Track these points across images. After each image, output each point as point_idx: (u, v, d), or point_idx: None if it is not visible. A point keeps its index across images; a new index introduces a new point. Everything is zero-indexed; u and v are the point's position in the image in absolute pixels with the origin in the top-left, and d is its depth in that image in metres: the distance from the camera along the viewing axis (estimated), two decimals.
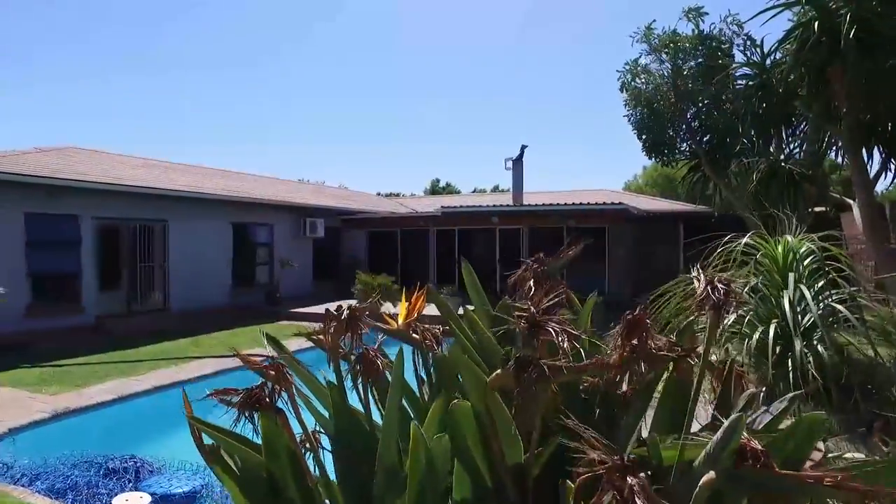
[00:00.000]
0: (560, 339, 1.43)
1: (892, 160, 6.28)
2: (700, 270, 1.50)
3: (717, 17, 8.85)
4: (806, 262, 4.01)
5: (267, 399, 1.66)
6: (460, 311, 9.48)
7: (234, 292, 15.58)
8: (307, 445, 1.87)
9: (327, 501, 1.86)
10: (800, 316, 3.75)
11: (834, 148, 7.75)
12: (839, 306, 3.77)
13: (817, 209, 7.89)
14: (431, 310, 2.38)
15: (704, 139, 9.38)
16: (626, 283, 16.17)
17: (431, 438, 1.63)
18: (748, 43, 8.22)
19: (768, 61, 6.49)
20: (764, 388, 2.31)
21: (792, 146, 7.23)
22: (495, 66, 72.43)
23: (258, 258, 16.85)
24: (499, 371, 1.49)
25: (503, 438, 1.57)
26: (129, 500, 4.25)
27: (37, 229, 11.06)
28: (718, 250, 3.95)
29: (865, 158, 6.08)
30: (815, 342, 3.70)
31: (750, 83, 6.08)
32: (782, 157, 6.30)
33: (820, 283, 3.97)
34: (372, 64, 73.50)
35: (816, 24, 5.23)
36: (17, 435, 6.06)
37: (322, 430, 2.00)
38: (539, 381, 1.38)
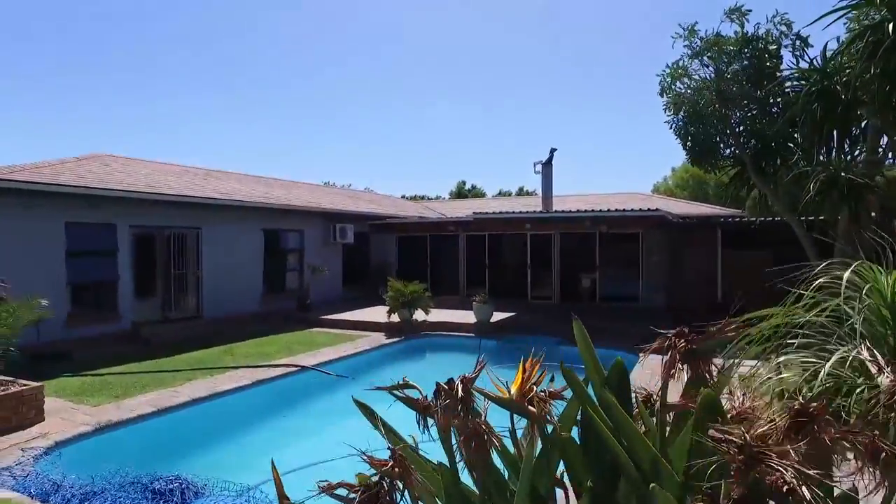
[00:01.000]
0: (794, 481, 1.13)
1: None
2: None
3: (762, 18, 8.52)
4: None
5: (388, 499, 1.46)
6: (493, 318, 9.23)
7: (265, 299, 15.65)
8: None
9: None
10: None
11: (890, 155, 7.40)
12: None
13: None
14: (460, 316, 2.17)
15: (749, 144, 9.04)
16: (660, 291, 15.81)
17: None
18: (797, 43, 7.89)
19: (826, 65, 6.19)
20: None
21: (851, 153, 6.89)
22: (521, 66, 72.01)
23: (288, 264, 16.91)
24: None
25: None
26: None
27: (76, 239, 11.21)
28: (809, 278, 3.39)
29: None
30: None
31: (812, 88, 5.78)
32: (842, 164, 5.98)
33: None
34: (397, 64, 73.69)
35: (890, 26, 4.92)
36: (63, 448, 6.09)
37: None
38: None
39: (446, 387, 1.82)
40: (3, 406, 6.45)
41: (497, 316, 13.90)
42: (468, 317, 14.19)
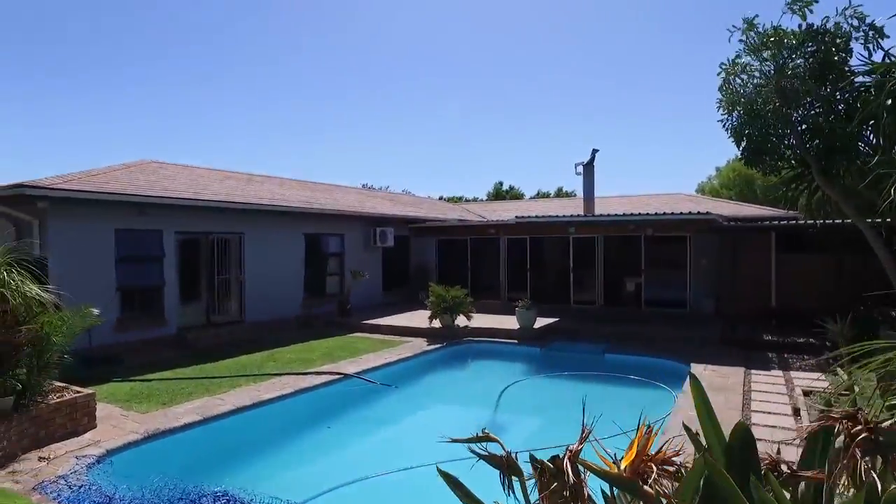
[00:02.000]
0: None
1: None
2: None
3: (830, 10, 7.98)
4: None
5: None
6: (536, 324, 8.87)
7: (306, 303, 15.71)
8: None
9: None
10: None
11: None
12: None
13: None
14: (502, 321, 1.91)
15: (812, 144, 8.51)
16: (709, 296, 15.22)
17: None
18: (871, 34, 7.34)
19: None
20: None
21: None
22: (559, 65, 71.11)
23: (329, 269, 16.94)
24: None
25: None
26: None
27: (125, 245, 11.42)
28: None
29: None
30: None
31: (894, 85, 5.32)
32: None
33: None
34: (433, 64, 73.73)
35: None
36: (114, 456, 6.12)
37: None
38: None
39: (551, 465, 1.56)
40: (59, 413, 6.55)
41: (540, 321, 13.60)
42: (510, 322, 13.93)
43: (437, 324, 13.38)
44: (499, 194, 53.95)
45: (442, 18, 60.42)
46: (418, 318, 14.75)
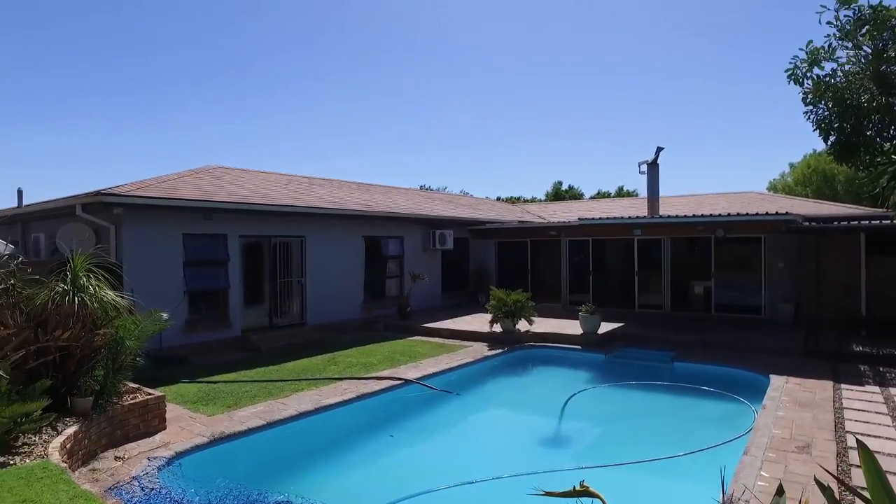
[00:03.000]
0: None
1: None
2: None
3: None
4: None
5: None
6: (600, 329, 8.42)
7: (366, 306, 15.77)
8: None
9: None
10: None
11: None
12: None
13: None
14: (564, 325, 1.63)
15: None
16: (788, 301, 14.27)
17: None
18: None
19: None
20: None
21: None
22: (618, 61, 69.23)
23: (389, 271, 16.97)
24: None
25: None
26: None
27: (193, 249, 11.76)
28: None
29: None
30: None
31: None
32: None
33: None
34: (491, 62, 73.32)
35: None
36: (182, 459, 6.20)
37: None
38: None
39: None
40: (132, 413, 6.71)
41: (603, 326, 13.10)
42: (572, 327, 13.49)
43: (497, 328, 13.12)
44: (558, 194, 53.02)
45: (497, 17, 60.00)
46: (478, 322, 14.52)
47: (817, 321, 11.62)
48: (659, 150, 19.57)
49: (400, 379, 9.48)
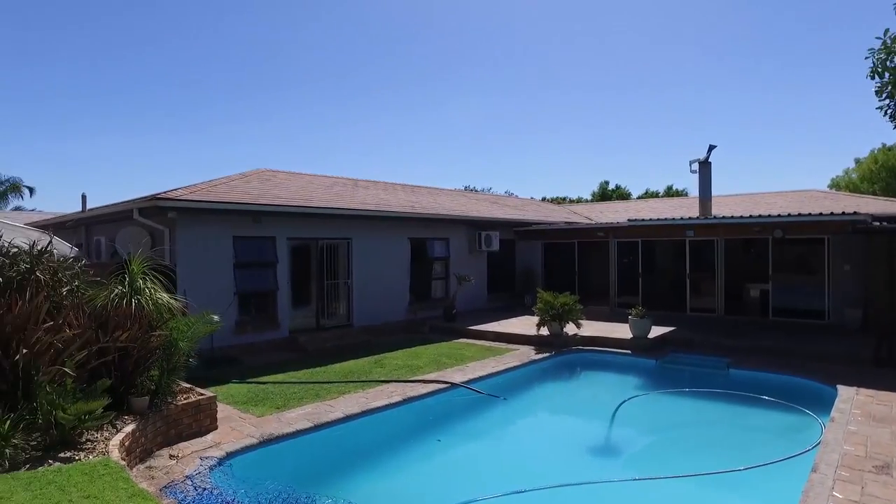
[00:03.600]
0: None
1: None
2: None
3: None
4: None
5: None
6: (650, 333, 8.13)
7: (412, 308, 15.80)
8: None
9: None
10: None
11: None
12: None
13: None
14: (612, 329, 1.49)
15: None
16: (855, 306, 13.50)
17: None
18: None
19: None
20: None
21: None
22: (665, 55, 67.40)
23: (434, 273, 16.96)
24: None
25: None
26: None
27: (242, 251, 12.02)
28: None
29: None
30: None
31: None
32: None
33: None
34: (536, 59, 72.65)
35: None
36: (233, 459, 6.30)
37: None
38: None
39: None
40: (185, 413, 6.87)
41: (654, 330, 12.72)
42: (621, 330, 13.16)
43: (544, 331, 12.91)
44: (605, 194, 52.05)
45: (539, 15, 59.36)
46: (524, 325, 14.34)
47: (890, 327, 10.92)
48: (711, 147, 18.93)
49: (446, 382, 9.42)
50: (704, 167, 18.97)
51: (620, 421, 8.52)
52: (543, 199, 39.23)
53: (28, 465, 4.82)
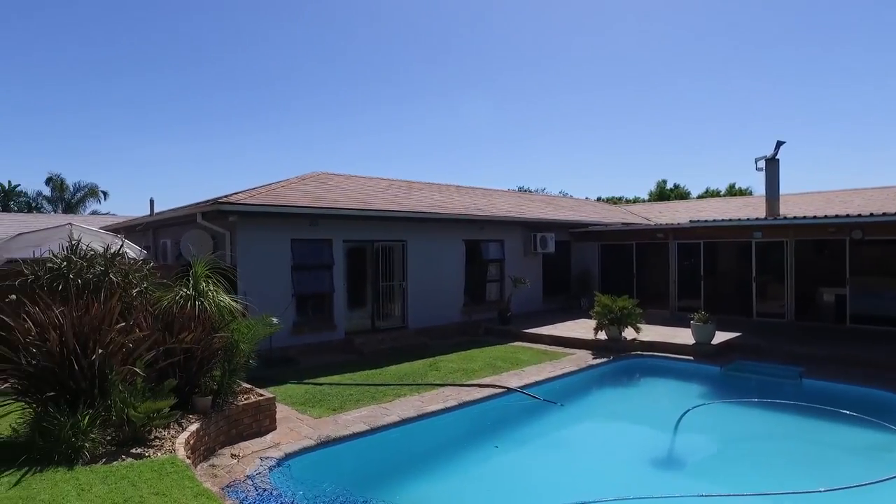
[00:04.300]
0: None
1: None
2: None
3: None
4: None
5: None
6: (714, 339, 7.68)
7: (466, 310, 15.73)
8: None
9: None
10: None
11: None
12: None
13: None
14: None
15: None
16: None
17: None
18: None
19: None
20: None
21: None
22: (725, 50, 64.70)
23: (489, 275, 16.84)
24: None
25: None
26: None
27: (300, 253, 12.26)
28: None
29: None
30: None
31: None
32: None
33: None
34: (592, 55, 71.31)
35: None
36: (291, 461, 6.39)
37: None
38: None
39: None
40: (246, 413, 7.03)
41: (718, 336, 12.18)
42: (682, 335, 12.68)
43: (602, 336, 12.58)
44: (662, 194, 50.51)
45: (601, 11, 58.19)
46: (581, 328, 14.03)
47: None
48: (779, 144, 18.00)
49: (502, 387, 9.29)
50: (772, 164, 18.06)
51: (684, 431, 8.16)
52: (598, 200, 38.42)
53: (104, 460, 5.06)
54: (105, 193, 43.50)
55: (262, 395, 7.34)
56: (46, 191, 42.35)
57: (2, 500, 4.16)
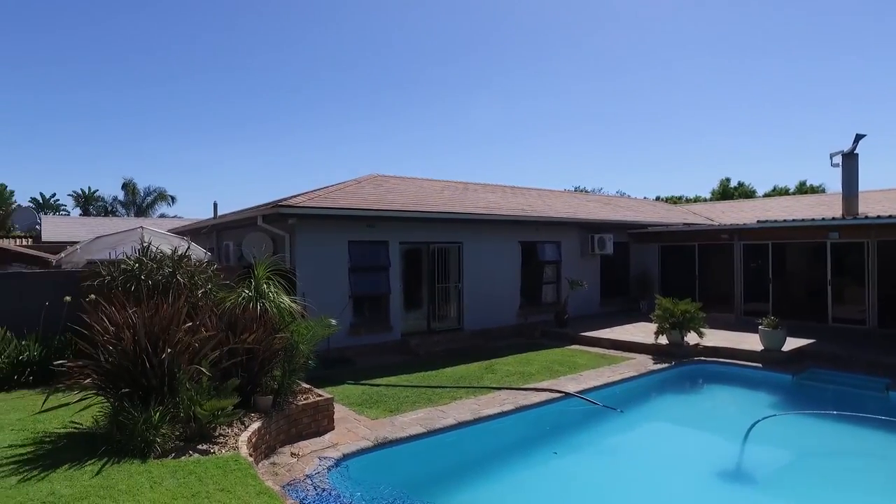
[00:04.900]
0: None
1: None
2: None
3: None
4: None
5: None
6: (785, 345, 7.18)
7: (522, 312, 15.55)
8: None
9: None
10: None
11: None
12: None
13: None
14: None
15: None
16: None
17: None
18: None
19: None
20: None
21: None
22: (793, 40, 61.43)
23: (545, 277, 16.60)
24: None
25: None
26: None
27: (357, 255, 12.43)
28: None
29: None
30: None
31: None
32: None
33: None
34: (652, 50, 69.34)
35: None
36: (349, 461, 6.45)
37: None
38: None
39: None
40: (305, 413, 7.16)
41: (788, 342, 11.54)
42: (748, 341, 12.10)
43: (663, 340, 12.16)
44: (726, 192, 48.46)
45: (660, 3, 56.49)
46: (640, 332, 13.62)
47: None
48: (858, 137, 16.88)
49: (560, 392, 9.11)
50: (849, 160, 16.96)
51: (754, 443, 7.75)
52: (657, 199, 37.26)
53: (173, 454, 5.27)
54: (173, 198, 45.70)
55: (320, 396, 7.45)
56: (121, 195, 44.91)
57: (86, 488, 4.41)
